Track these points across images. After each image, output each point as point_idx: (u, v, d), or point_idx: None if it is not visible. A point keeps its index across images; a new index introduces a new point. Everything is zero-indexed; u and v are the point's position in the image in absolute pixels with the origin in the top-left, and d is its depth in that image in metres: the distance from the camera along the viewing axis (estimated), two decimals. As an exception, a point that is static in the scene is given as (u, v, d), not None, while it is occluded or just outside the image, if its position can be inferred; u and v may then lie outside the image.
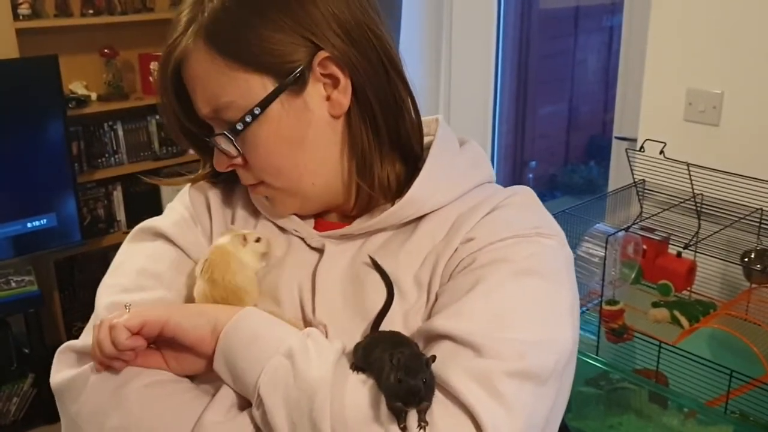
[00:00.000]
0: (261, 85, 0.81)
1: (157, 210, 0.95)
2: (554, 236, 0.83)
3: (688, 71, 2.14)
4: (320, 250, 0.88)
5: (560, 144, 4.34)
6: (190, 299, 0.86)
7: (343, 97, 0.83)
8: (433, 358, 0.67)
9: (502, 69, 3.51)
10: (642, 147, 2.01)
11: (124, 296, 0.84)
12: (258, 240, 0.87)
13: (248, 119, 0.82)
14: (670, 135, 2.03)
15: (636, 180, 2.10)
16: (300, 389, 0.70)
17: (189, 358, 0.80)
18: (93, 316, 0.86)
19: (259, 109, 0.81)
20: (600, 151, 4.10)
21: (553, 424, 0.77)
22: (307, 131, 0.84)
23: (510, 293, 0.76)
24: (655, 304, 1.99)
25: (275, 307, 0.84)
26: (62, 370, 0.82)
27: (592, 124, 4.29)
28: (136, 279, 0.87)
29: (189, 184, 0.97)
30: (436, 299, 0.80)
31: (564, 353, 0.76)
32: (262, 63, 0.80)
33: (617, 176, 2.66)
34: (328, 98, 0.83)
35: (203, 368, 0.80)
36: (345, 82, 0.82)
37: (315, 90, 0.82)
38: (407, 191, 0.84)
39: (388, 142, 0.86)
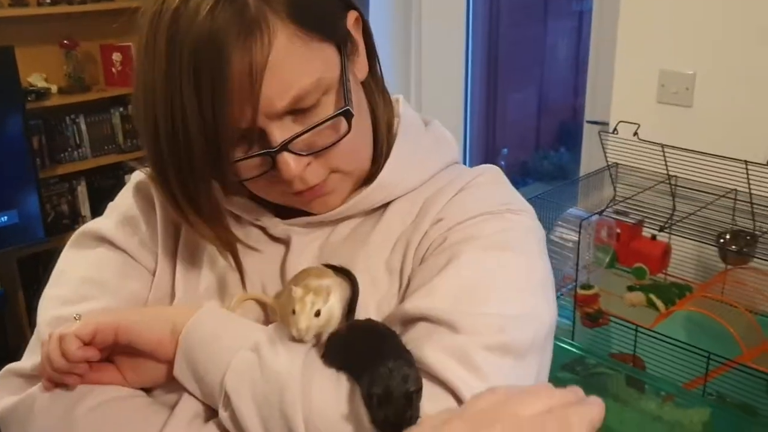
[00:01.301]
0: (334, 54, 0.72)
1: None
2: (524, 212, 0.81)
3: (659, 53, 2.13)
4: (285, 242, 0.82)
5: (531, 130, 4.34)
6: (137, 306, 0.81)
7: (364, 60, 0.78)
8: (420, 390, 0.62)
9: (473, 56, 3.48)
10: (615, 129, 2.00)
11: (67, 309, 0.78)
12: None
13: (349, 93, 0.72)
14: (643, 117, 2.01)
15: (609, 163, 2.08)
16: (268, 382, 0.66)
17: (147, 365, 0.74)
18: (35, 333, 0.80)
19: (349, 80, 0.73)
20: (570, 136, 4.10)
21: None
22: (362, 98, 0.78)
23: (483, 268, 0.74)
24: (630, 288, 1.98)
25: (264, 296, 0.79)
26: (4, 397, 0.75)
27: (562, 110, 4.29)
28: (79, 289, 0.81)
29: (133, 182, 0.89)
30: (409, 283, 0.76)
31: (543, 326, 0.74)
32: (327, 28, 0.71)
33: (589, 161, 2.65)
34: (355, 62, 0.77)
35: (164, 376, 0.74)
36: (362, 46, 0.77)
37: (354, 52, 0.77)
38: (377, 175, 0.80)
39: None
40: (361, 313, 0.75)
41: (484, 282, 0.73)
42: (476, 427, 0.49)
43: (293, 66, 0.67)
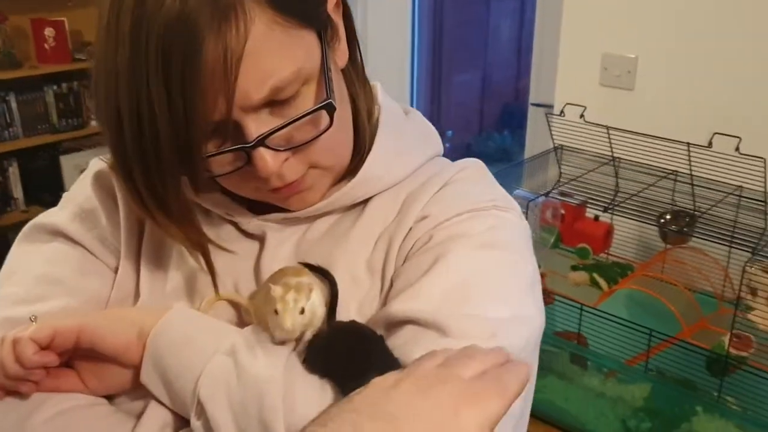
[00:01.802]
0: (314, 41, 0.66)
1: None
2: (511, 209, 0.77)
3: (602, 36, 2.16)
4: (259, 238, 0.76)
5: (475, 112, 4.36)
6: (98, 307, 0.75)
7: (345, 47, 0.73)
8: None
9: (419, 39, 3.48)
10: (562, 111, 2.02)
11: (20, 309, 0.72)
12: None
13: (331, 83, 0.66)
14: (587, 100, 2.04)
15: (555, 145, 2.11)
16: (247, 389, 0.61)
17: (112, 371, 0.68)
18: None
19: (330, 69, 0.67)
20: (513, 119, 4.15)
21: (526, 409, 0.72)
22: (343, 88, 0.73)
23: (471, 268, 0.69)
24: (574, 268, 2.02)
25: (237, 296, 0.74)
26: None
27: (506, 92, 4.33)
28: (34, 287, 0.74)
29: (92, 171, 0.82)
30: (392, 284, 0.72)
31: (534, 330, 0.70)
32: (308, 13, 0.65)
33: (533, 143, 2.68)
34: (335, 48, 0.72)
35: (129, 382, 0.68)
36: (343, 32, 0.72)
37: (334, 38, 0.71)
38: (358, 168, 0.75)
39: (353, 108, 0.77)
40: (342, 315, 0.70)
41: (474, 283, 0.68)
42: (424, 388, 0.51)
43: (272, 55, 0.62)
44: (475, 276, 0.69)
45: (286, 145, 0.66)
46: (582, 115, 1.93)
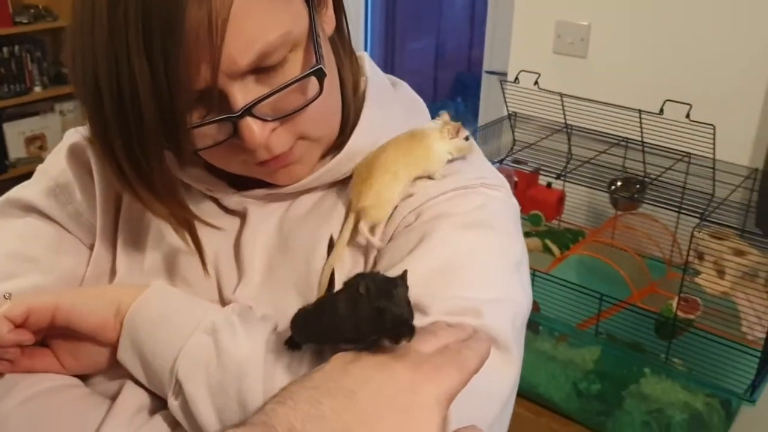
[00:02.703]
0: (302, 5, 0.64)
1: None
2: (500, 187, 0.75)
3: (556, 4, 2.16)
4: (241, 215, 0.75)
5: (428, 81, 4.35)
6: (72, 285, 0.73)
7: (332, 13, 0.71)
8: (404, 273, 0.54)
9: (372, 6, 3.44)
10: (517, 78, 2.02)
11: None
12: (467, 138, 0.74)
13: (320, 48, 0.64)
14: (541, 67, 2.04)
15: (509, 113, 2.11)
16: (226, 370, 0.60)
17: (88, 349, 0.66)
18: None
19: (319, 35, 0.65)
20: (466, 87, 4.15)
21: (513, 393, 0.70)
22: (331, 56, 0.70)
23: (457, 248, 0.68)
24: (527, 234, 2.03)
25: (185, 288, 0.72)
26: None
27: (459, 61, 4.32)
28: (5, 264, 0.72)
29: (66, 143, 0.79)
30: (376, 262, 0.71)
31: (519, 311, 0.68)
32: None
33: (487, 111, 2.69)
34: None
35: (106, 361, 0.67)
36: None
37: (321, 4, 0.69)
38: (345, 143, 0.73)
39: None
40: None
41: (459, 263, 0.67)
42: (382, 363, 0.51)
43: (258, 18, 0.59)
44: (460, 256, 0.67)
45: (273, 115, 0.64)
46: (536, 82, 1.93)
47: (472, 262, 0.67)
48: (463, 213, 0.70)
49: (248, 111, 0.62)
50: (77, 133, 0.79)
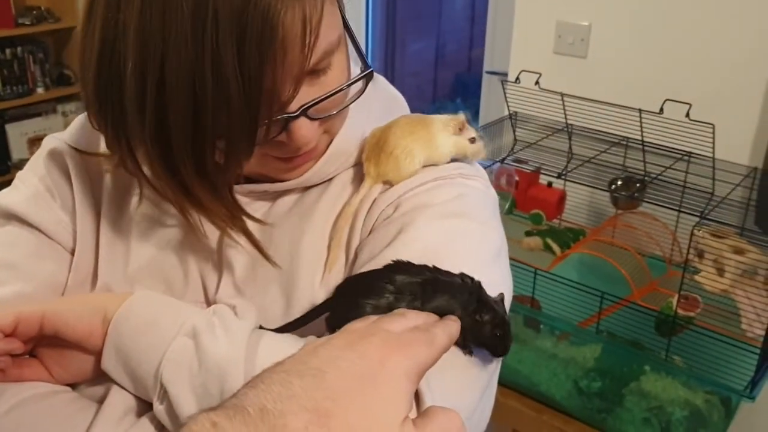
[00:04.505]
0: (337, 10, 0.66)
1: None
2: (478, 177, 0.77)
3: (556, 4, 2.17)
4: None
5: (428, 81, 4.36)
6: (54, 292, 0.73)
7: None
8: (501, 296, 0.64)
9: (372, 7, 3.44)
10: (518, 78, 2.03)
11: None
12: (473, 140, 0.75)
13: (362, 51, 0.68)
14: (541, 68, 2.06)
15: (510, 112, 2.12)
16: (208, 371, 0.60)
17: (76, 357, 0.67)
18: None
19: (354, 37, 0.68)
20: (466, 87, 4.15)
21: (492, 387, 0.71)
22: None
23: (435, 238, 0.69)
24: (528, 233, 2.04)
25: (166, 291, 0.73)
26: None
27: (459, 61, 4.33)
28: None
29: (45, 149, 0.79)
30: (356, 256, 0.72)
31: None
32: None
33: (487, 111, 2.70)
34: None
35: (93, 369, 0.67)
36: None
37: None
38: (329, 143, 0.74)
39: None
40: (307, 289, 0.71)
41: (437, 253, 0.67)
42: (352, 342, 0.51)
43: (328, 20, 0.61)
44: (439, 246, 0.68)
45: (319, 114, 0.66)
46: (537, 82, 1.95)
47: (452, 251, 0.68)
48: (441, 203, 0.72)
49: (304, 111, 0.64)
50: (56, 140, 0.79)
